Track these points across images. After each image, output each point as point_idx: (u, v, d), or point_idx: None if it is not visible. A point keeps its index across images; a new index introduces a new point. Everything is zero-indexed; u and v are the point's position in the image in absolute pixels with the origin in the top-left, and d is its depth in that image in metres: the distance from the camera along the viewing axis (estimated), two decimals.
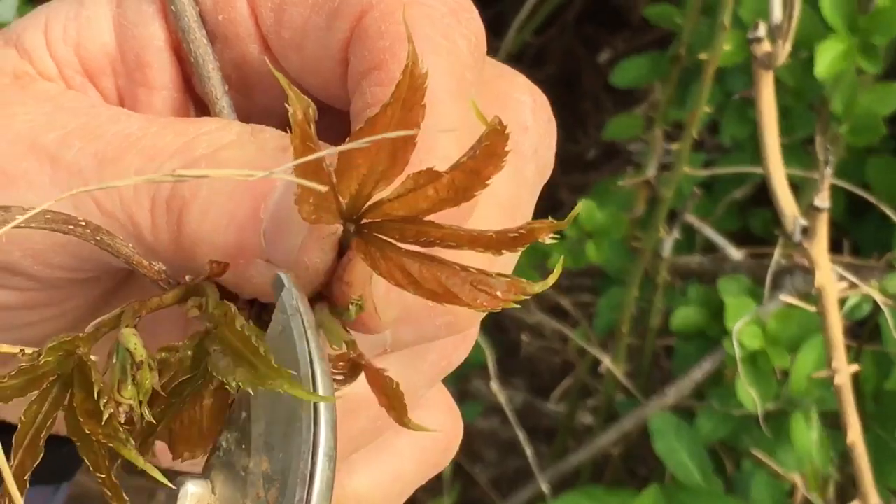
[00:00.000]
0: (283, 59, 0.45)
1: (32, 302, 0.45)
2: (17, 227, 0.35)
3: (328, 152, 0.35)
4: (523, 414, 1.68)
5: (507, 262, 0.41)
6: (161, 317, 0.42)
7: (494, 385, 1.45)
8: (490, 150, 0.35)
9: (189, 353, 0.39)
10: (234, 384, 0.37)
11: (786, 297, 1.10)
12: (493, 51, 1.53)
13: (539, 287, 0.38)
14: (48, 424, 0.38)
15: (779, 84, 1.30)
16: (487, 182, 0.36)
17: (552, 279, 0.37)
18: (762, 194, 1.30)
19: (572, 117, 1.98)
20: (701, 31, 1.28)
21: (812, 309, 1.07)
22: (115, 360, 0.38)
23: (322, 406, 0.39)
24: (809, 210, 0.92)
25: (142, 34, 0.45)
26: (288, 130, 0.36)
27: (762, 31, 0.85)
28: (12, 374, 0.37)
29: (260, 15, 0.45)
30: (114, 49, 0.45)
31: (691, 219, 1.37)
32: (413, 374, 0.44)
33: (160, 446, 0.43)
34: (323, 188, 0.35)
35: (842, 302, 1.05)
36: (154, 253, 0.41)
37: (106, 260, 0.42)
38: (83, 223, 0.38)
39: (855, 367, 1.02)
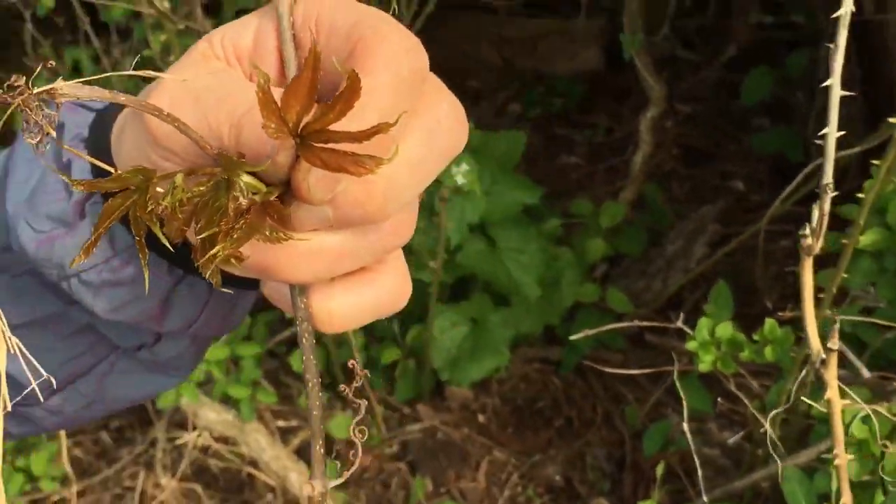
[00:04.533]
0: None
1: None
2: (117, 102, 0.45)
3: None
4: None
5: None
6: None
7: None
8: (350, 87, 0.43)
9: (211, 181, 0.47)
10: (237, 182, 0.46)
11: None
12: None
13: (392, 155, 0.45)
14: (120, 211, 0.47)
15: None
16: (354, 101, 0.43)
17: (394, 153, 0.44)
18: None
19: None
20: None
21: None
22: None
23: None
24: (827, 350, 1.28)
25: (264, 41, 0.54)
26: None
27: (807, 230, 1.23)
28: (109, 179, 0.46)
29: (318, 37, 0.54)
30: (251, 48, 0.54)
31: None
32: (359, 244, 0.51)
33: None
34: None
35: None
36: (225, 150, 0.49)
37: None
38: (166, 113, 0.47)
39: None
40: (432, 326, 2.17)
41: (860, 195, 1.60)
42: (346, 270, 0.52)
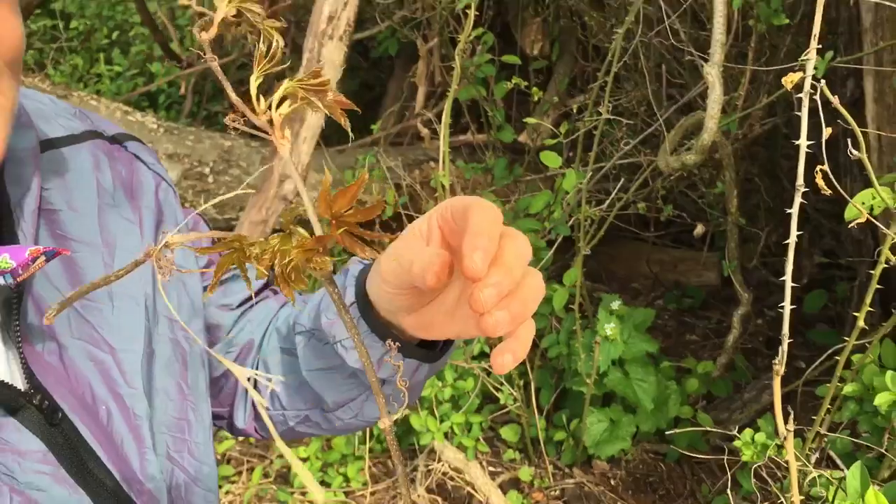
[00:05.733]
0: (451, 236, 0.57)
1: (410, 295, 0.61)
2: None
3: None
4: None
5: None
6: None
7: None
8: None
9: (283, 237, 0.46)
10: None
11: None
12: None
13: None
14: (230, 259, 0.44)
15: None
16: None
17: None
18: None
19: None
20: None
21: None
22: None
23: None
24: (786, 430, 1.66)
25: (432, 224, 0.58)
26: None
27: (776, 360, 1.65)
28: (220, 243, 0.44)
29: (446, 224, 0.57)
30: (426, 229, 0.59)
31: None
32: (520, 299, 0.52)
33: None
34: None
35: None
36: None
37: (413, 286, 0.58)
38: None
39: None
40: (586, 421, 2.49)
41: (838, 357, 1.94)
42: (514, 312, 0.53)
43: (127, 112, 2.89)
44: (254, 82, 0.42)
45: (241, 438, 2.69)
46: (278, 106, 0.43)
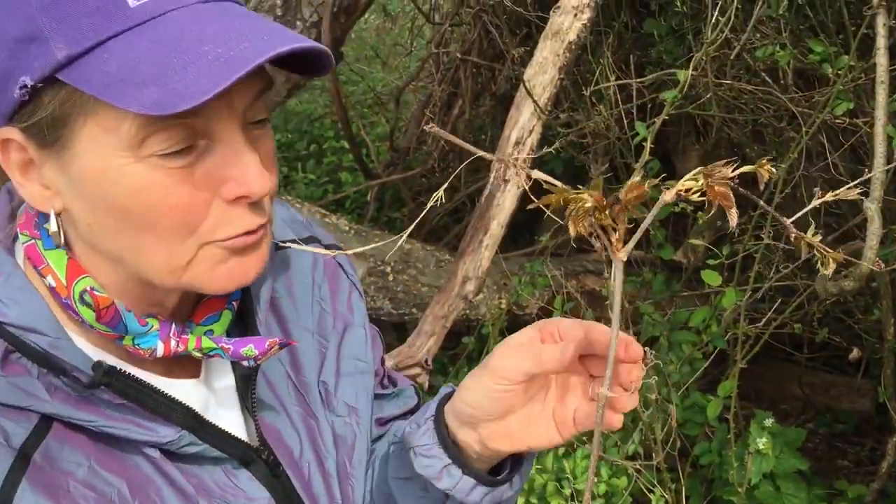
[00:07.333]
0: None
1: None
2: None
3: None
4: None
5: None
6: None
7: None
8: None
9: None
10: None
11: None
12: None
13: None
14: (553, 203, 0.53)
15: None
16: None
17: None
18: None
19: None
20: None
21: None
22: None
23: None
24: None
25: (535, 337, 0.72)
26: None
27: None
28: (556, 190, 0.53)
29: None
30: (533, 337, 0.72)
31: None
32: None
33: None
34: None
35: None
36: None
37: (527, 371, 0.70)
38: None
39: None
40: None
41: None
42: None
43: (325, 215, 3.31)
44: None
45: None
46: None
